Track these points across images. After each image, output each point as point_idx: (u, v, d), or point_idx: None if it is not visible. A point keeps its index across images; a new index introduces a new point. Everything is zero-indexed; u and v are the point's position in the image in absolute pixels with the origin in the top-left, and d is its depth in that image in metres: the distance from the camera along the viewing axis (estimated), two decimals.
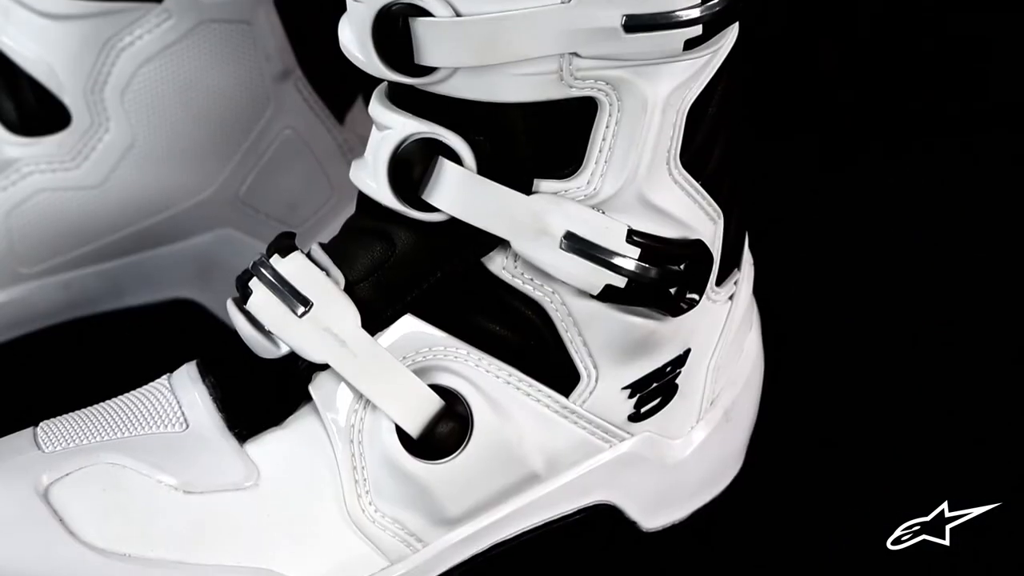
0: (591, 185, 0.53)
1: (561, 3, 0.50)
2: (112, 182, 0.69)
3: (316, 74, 0.71)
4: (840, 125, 0.89)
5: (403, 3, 0.51)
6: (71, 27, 0.67)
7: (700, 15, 0.51)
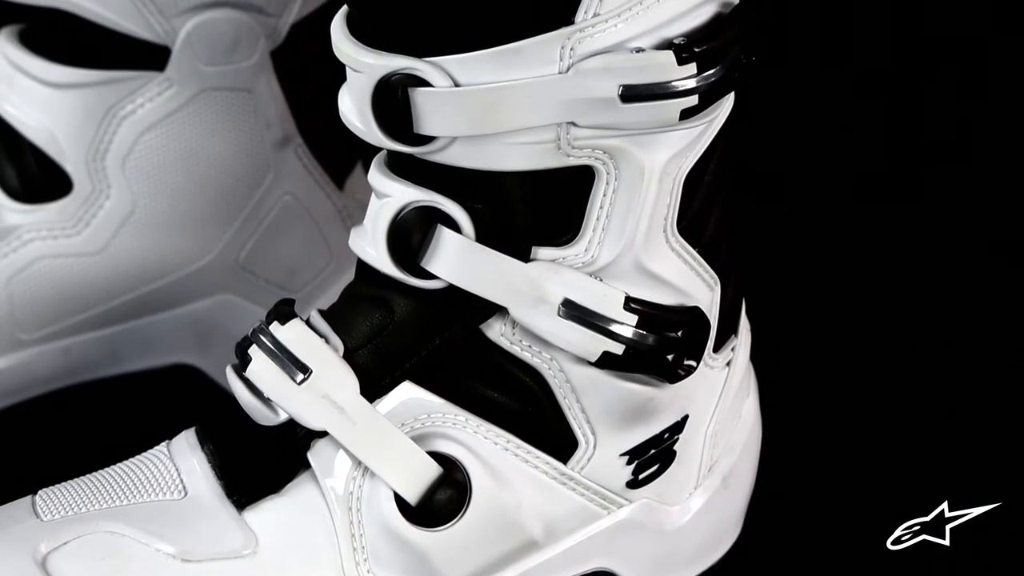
0: (589, 253, 0.54)
1: (558, 74, 0.51)
2: (112, 248, 0.69)
3: (316, 141, 0.72)
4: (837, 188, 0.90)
5: (403, 74, 0.51)
6: (74, 95, 0.67)
7: (696, 85, 0.52)
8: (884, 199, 0.88)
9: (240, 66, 0.68)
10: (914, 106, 0.90)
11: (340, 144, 0.66)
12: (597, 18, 0.51)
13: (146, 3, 0.66)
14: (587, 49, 0.51)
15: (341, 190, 0.73)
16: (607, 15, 0.51)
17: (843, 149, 0.90)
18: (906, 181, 0.87)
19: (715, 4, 0.53)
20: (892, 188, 0.87)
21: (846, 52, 0.92)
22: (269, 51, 0.69)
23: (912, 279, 0.78)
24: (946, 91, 0.90)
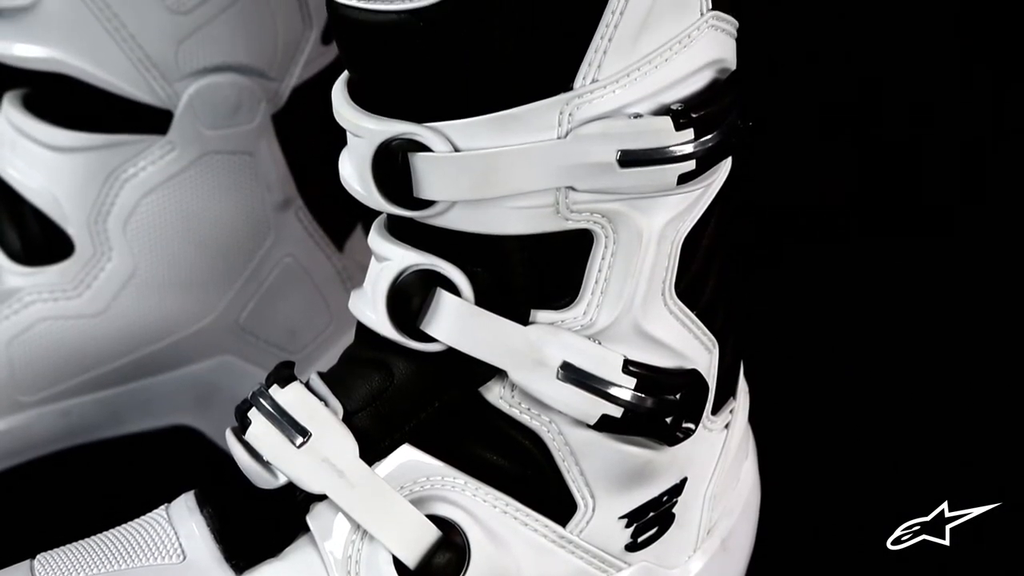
0: (587, 316, 0.54)
1: (557, 139, 0.51)
2: (113, 310, 0.69)
3: (317, 203, 0.72)
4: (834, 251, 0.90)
5: (403, 138, 0.52)
6: (76, 159, 0.68)
7: (693, 150, 0.52)
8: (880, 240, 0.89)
9: (242, 129, 0.69)
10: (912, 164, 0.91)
11: (340, 206, 0.67)
12: (595, 84, 0.51)
13: (149, 68, 0.67)
14: (585, 114, 0.51)
15: (341, 252, 0.74)
16: (605, 81, 0.51)
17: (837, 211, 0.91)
18: (897, 239, 0.87)
19: (712, 70, 0.53)
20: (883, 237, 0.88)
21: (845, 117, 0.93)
22: (271, 114, 0.69)
23: (911, 282, 0.77)
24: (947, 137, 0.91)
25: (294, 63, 0.69)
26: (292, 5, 0.68)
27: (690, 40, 0.52)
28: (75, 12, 0.65)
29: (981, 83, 0.91)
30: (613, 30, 0.51)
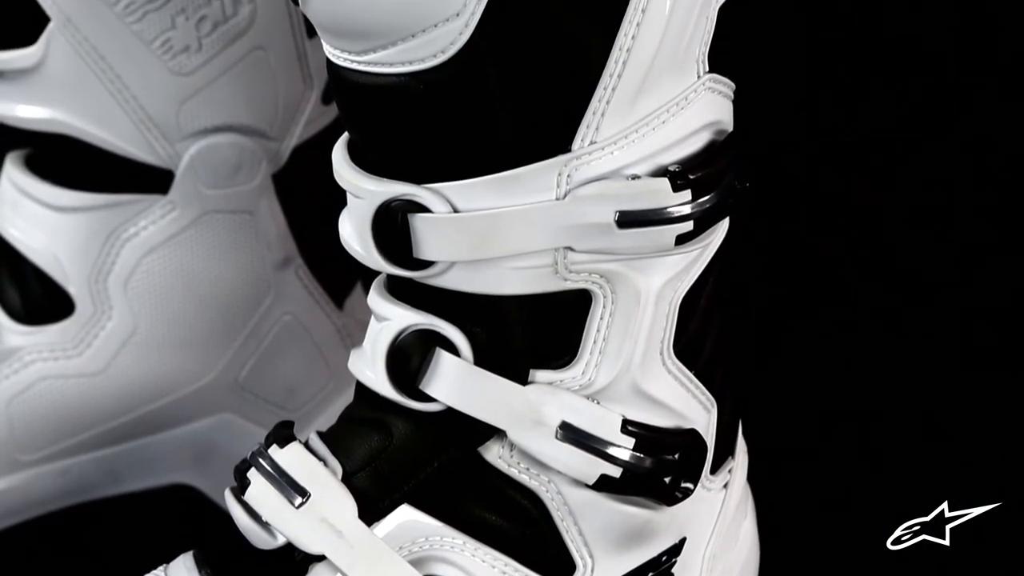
0: (586, 375, 0.54)
1: (555, 200, 0.52)
2: (113, 369, 0.69)
3: (317, 261, 0.72)
4: (831, 305, 0.90)
5: (402, 200, 0.52)
6: (78, 219, 0.68)
7: (691, 212, 0.52)
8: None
9: (242, 189, 0.69)
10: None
11: (340, 264, 0.67)
12: (593, 146, 0.52)
13: (151, 128, 0.67)
14: (584, 176, 0.52)
15: (341, 309, 0.74)
16: (603, 143, 0.52)
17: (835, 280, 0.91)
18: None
19: (709, 132, 0.54)
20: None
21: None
22: (271, 174, 0.70)
23: (910, 285, 0.77)
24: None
25: (295, 123, 0.70)
26: (293, 66, 0.69)
27: (687, 102, 0.53)
28: (78, 73, 0.66)
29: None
30: (611, 93, 0.51)
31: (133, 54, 0.65)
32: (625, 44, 0.51)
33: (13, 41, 0.66)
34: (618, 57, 0.51)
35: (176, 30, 0.66)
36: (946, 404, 0.68)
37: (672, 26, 0.51)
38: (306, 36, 0.69)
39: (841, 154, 0.92)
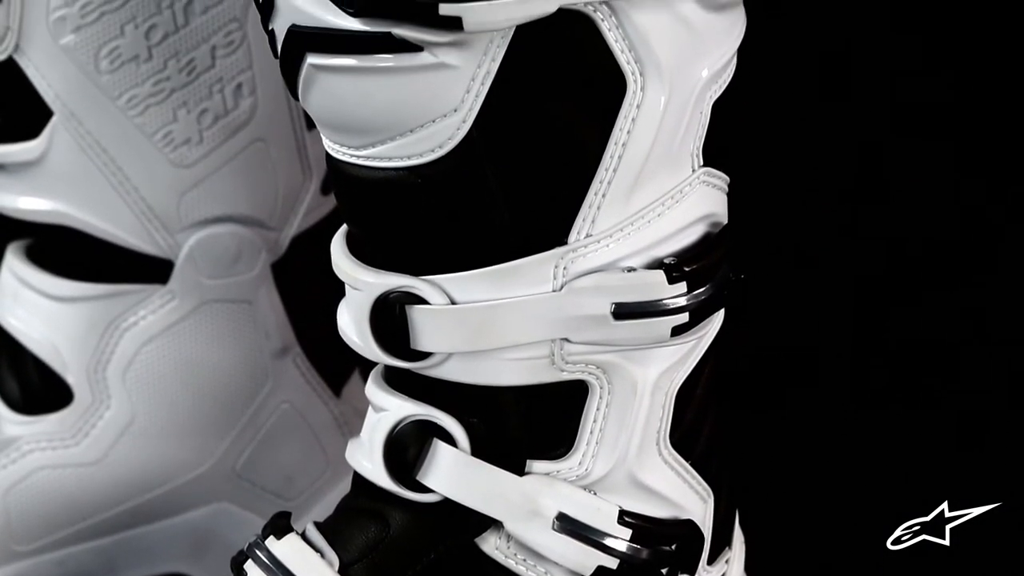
0: (583, 466, 0.54)
1: (552, 292, 0.52)
2: (111, 459, 0.69)
3: (315, 349, 0.73)
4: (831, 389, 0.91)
5: (400, 292, 0.53)
6: (78, 309, 0.68)
7: (686, 303, 0.53)
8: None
9: (241, 279, 0.70)
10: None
11: (338, 352, 0.67)
12: (589, 239, 0.52)
13: (151, 219, 0.68)
14: (580, 268, 0.52)
15: (338, 397, 0.74)
16: (599, 236, 0.52)
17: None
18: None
19: (704, 224, 0.54)
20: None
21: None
22: (270, 263, 0.70)
23: (909, 286, 0.77)
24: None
25: (294, 213, 0.71)
26: (292, 156, 0.70)
27: (682, 195, 0.53)
28: (80, 166, 0.66)
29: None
30: (607, 186, 0.52)
31: (135, 147, 0.66)
32: (620, 139, 0.51)
33: (16, 134, 0.67)
34: (614, 152, 0.51)
35: (178, 123, 0.67)
36: (946, 404, 0.67)
37: (667, 122, 0.52)
38: (306, 127, 0.70)
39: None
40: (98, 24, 0.65)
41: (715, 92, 0.54)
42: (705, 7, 0.52)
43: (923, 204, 0.88)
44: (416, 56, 0.49)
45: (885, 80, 0.86)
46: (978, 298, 0.76)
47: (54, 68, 0.65)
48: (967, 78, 0.86)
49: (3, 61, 0.65)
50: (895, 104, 0.86)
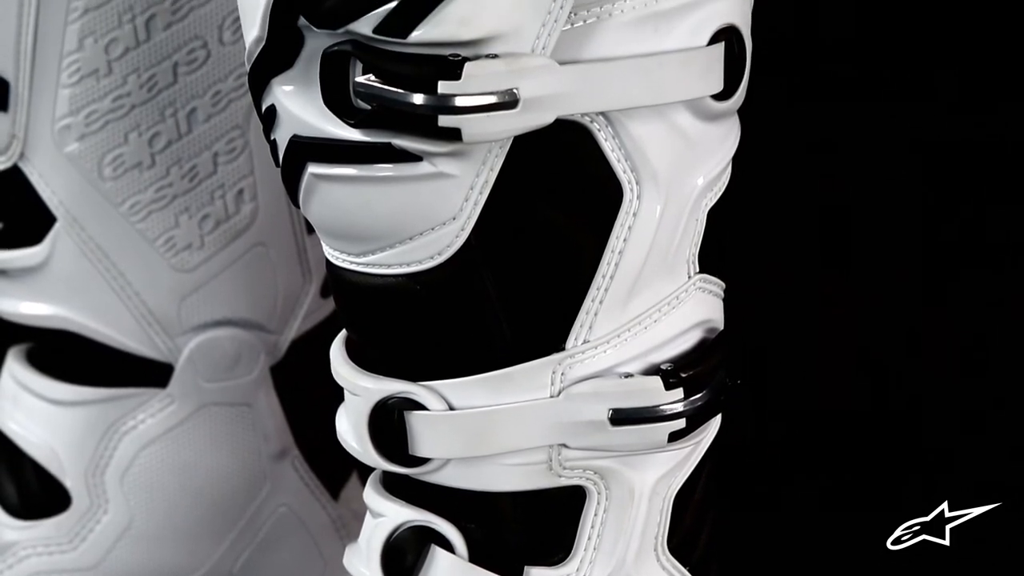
0: (580, 572, 0.54)
1: (549, 397, 0.52)
2: (107, 563, 0.69)
3: (313, 452, 0.73)
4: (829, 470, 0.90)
5: (399, 397, 0.53)
6: (76, 413, 0.69)
7: (683, 409, 0.53)
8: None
9: (240, 382, 0.70)
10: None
11: (336, 455, 0.67)
12: (587, 344, 0.52)
13: (152, 323, 0.68)
14: (577, 374, 0.52)
15: (336, 500, 0.74)
16: (596, 341, 0.52)
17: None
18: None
19: (700, 330, 0.55)
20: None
21: None
22: (269, 366, 0.71)
23: (908, 287, 0.76)
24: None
25: (294, 316, 0.71)
26: (293, 260, 0.70)
27: (678, 302, 0.54)
28: (82, 271, 0.67)
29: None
30: (604, 293, 0.52)
31: (137, 252, 0.67)
32: (617, 247, 0.52)
33: (19, 240, 0.67)
34: (610, 259, 0.52)
35: (179, 228, 0.67)
36: (946, 404, 0.67)
37: (663, 229, 0.52)
38: (306, 231, 0.70)
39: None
40: (103, 132, 0.66)
41: (710, 200, 0.54)
42: (700, 117, 0.53)
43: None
44: (415, 166, 0.50)
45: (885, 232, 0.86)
46: (975, 300, 0.76)
47: (58, 175, 0.66)
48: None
49: (8, 169, 0.66)
50: (888, 266, 0.86)
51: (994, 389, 0.70)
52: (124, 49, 0.65)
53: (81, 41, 0.64)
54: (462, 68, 0.48)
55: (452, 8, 0.47)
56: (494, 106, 0.48)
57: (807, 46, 0.86)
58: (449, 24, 0.47)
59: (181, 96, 0.66)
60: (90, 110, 0.65)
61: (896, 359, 0.72)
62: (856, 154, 0.83)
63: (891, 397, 0.69)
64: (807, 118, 0.85)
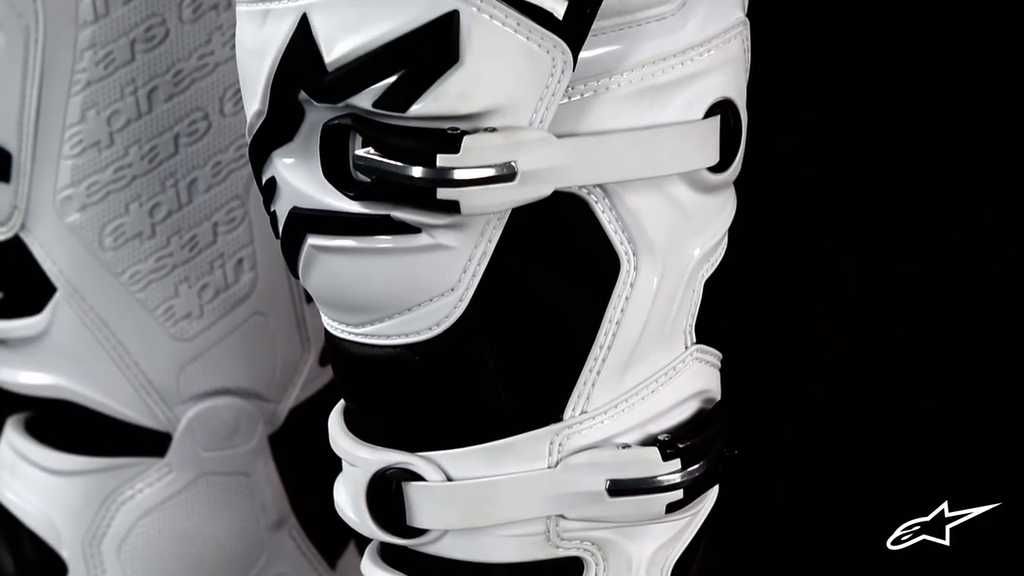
0: None
1: (547, 468, 0.52)
2: None
3: (311, 521, 0.73)
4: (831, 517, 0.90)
5: (397, 468, 0.53)
6: (74, 483, 0.69)
7: (681, 480, 0.53)
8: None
9: (239, 451, 0.70)
10: None
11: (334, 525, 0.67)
12: (584, 415, 0.53)
13: (150, 392, 0.68)
14: (575, 444, 0.52)
15: (333, 570, 0.74)
16: (594, 412, 0.53)
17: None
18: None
19: (698, 400, 0.55)
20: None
21: None
22: (267, 435, 0.71)
23: (908, 286, 0.76)
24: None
25: (292, 385, 0.71)
26: (292, 329, 0.71)
27: (675, 372, 0.54)
28: (81, 341, 0.67)
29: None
30: (601, 364, 0.52)
31: (136, 321, 0.67)
32: (614, 317, 0.52)
33: (19, 310, 0.68)
34: (607, 330, 0.52)
35: (179, 298, 0.68)
36: (946, 404, 0.67)
37: (660, 300, 0.53)
38: (305, 300, 0.71)
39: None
40: (104, 203, 0.66)
41: (707, 270, 0.54)
42: (696, 189, 0.53)
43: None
44: (414, 237, 0.50)
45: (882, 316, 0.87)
46: (975, 300, 0.76)
47: (59, 246, 0.66)
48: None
49: (9, 239, 0.66)
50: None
51: (994, 389, 0.70)
52: (126, 120, 0.65)
53: (84, 113, 0.65)
54: (461, 141, 0.48)
55: (451, 83, 0.48)
56: (492, 179, 0.49)
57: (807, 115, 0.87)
58: (448, 98, 0.48)
59: (182, 166, 0.67)
60: (91, 181, 0.66)
61: (896, 359, 0.72)
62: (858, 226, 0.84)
63: (891, 397, 0.69)
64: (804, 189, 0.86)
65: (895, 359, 0.73)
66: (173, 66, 0.65)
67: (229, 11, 0.65)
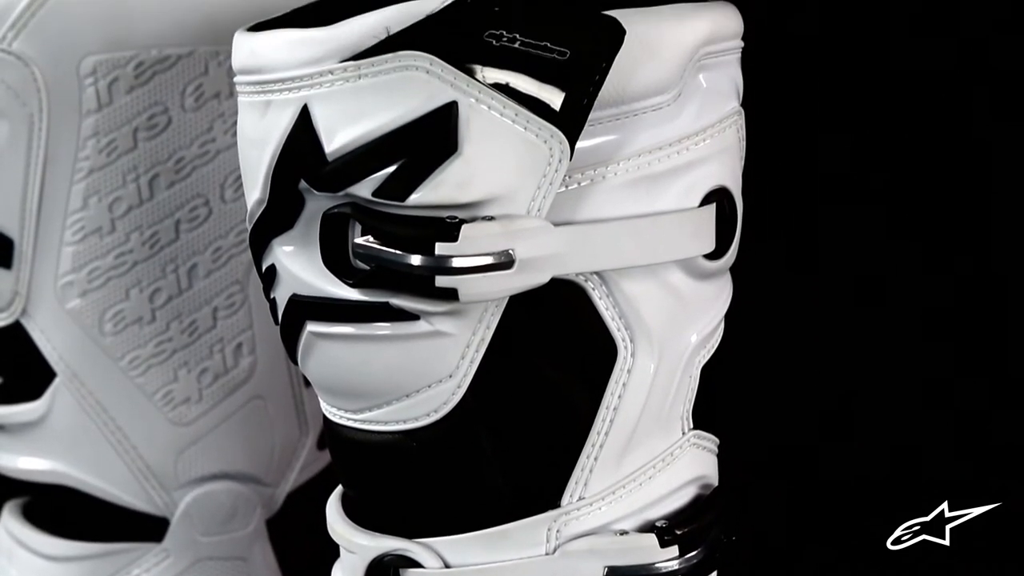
0: None
1: (545, 555, 0.52)
2: None
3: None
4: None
5: (394, 555, 0.53)
6: (72, 568, 0.68)
7: (679, 567, 0.53)
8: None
9: (236, 535, 0.70)
10: None
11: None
12: (582, 501, 0.53)
13: (148, 478, 0.68)
14: (573, 531, 0.52)
15: None
16: (592, 498, 0.53)
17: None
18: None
19: (695, 486, 0.55)
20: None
21: None
22: (265, 519, 0.71)
23: (909, 285, 0.76)
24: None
25: (290, 469, 0.71)
26: (290, 413, 0.71)
27: (673, 458, 0.54)
28: (80, 426, 0.67)
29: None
30: (599, 450, 0.52)
31: (135, 406, 0.67)
32: (612, 404, 0.52)
33: (18, 396, 0.68)
34: (605, 416, 0.52)
35: (178, 383, 0.68)
36: (946, 404, 0.66)
37: (657, 386, 0.53)
38: (303, 384, 0.71)
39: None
40: (104, 288, 0.66)
41: (704, 356, 0.55)
42: (693, 276, 0.53)
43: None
44: (413, 324, 0.50)
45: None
46: (975, 300, 0.76)
47: (59, 331, 0.66)
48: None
49: (9, 325, 0.67)
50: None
51: (994, 389, 0.69)
52: (128, 207, 0.66)
53: (86, 200, 0.65)
54: (459, 230, 0.49)
55: (449, 172, 0.48)
56: (490, 267, 0.49)
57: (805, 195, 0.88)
58: (446, 188, 0.49)
59: (182, 252, 0.67)
60: (92, 267, 0.66)
61: (896, 359, 0.72)
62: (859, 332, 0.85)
63: (891, 397, 0.69)
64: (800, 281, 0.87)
65: (895, 359, 0.73)
66: (175, 153, 0.66)
67: (231, 99, 0.66)
